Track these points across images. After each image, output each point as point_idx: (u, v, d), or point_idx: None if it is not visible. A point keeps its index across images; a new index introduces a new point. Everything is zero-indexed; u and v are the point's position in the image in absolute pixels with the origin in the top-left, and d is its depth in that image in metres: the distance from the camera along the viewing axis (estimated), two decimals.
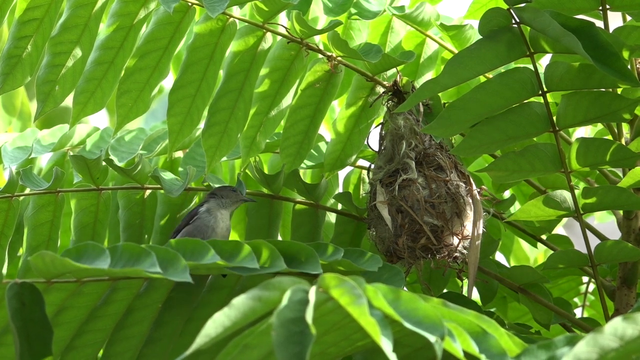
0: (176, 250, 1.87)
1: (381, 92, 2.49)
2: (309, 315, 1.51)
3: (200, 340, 1.51)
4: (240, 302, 1.54)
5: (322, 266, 2.07)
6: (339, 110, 2.55)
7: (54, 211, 2.58)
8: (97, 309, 2.08)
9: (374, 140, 2.52)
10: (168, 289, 2.14)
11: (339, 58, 2.46)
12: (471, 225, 2.37)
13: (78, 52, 2.40)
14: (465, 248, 2.37)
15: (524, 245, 3.18)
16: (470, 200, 2.38)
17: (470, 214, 2.38)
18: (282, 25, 2.42)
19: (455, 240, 2.36)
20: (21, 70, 2.40)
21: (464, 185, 2.39)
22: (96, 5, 2.39)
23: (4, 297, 1.82)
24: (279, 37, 2.44)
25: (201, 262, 1.89)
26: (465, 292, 2.44)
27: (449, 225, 2.35)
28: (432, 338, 1.53)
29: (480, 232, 2.37)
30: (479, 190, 2.40)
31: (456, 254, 2.36)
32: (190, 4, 2.39)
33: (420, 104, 2.43)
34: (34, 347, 1.77)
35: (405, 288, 2.34)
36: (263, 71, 2.44)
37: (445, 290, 2.60)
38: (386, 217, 2.35)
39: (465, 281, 2.42)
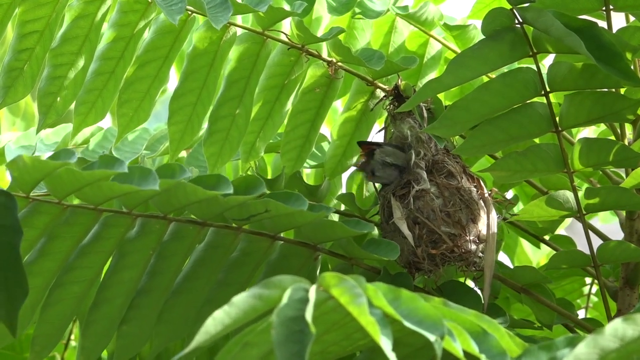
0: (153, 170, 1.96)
1: (382, 95, 2.47)
2: (309, 314, 1.50)
3: (200, 337, 1.51)
4: (241, 300, 1.54)
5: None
6: (339, 114, 2.54)
7: None
8: (85, 245, 2.11)
9: None
10: (159, 236, 2.15)
11: (339, 63, 2.45)
12: (485, 228, 2.36)
13: (79, 63, 2.39)
14: (482, 252, 2.35)
15: (527, 248, 3.17)
16: (483, 204, 2.37)
17: (484, 217, 2.36)
18: (282, 32, 2.41)
19: (473, 246, 2.34)
20: (22, 83, 2.39)
21: (475, 189, 2.38)
22: (97, 16, 2.38)
23: None
24: (279, 43, 2.43)
25: (173, 179, 1.97)
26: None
27: (466, 232, 2.33)
28: (432, 337, 1.53)
29: (495, 234, 2.36)
30: (489, 192, 2.39)
31: (475, 259, 2.34)
32: (190, 12, 2.38)
33: (424, 109, 2.41)
34: (2, 253, 1.76)
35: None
36: (263, 77, 2.43)
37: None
38: (407, 234, 2.32)
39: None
